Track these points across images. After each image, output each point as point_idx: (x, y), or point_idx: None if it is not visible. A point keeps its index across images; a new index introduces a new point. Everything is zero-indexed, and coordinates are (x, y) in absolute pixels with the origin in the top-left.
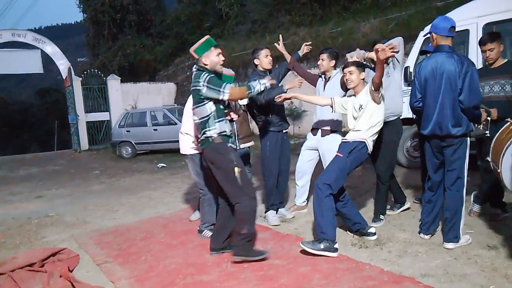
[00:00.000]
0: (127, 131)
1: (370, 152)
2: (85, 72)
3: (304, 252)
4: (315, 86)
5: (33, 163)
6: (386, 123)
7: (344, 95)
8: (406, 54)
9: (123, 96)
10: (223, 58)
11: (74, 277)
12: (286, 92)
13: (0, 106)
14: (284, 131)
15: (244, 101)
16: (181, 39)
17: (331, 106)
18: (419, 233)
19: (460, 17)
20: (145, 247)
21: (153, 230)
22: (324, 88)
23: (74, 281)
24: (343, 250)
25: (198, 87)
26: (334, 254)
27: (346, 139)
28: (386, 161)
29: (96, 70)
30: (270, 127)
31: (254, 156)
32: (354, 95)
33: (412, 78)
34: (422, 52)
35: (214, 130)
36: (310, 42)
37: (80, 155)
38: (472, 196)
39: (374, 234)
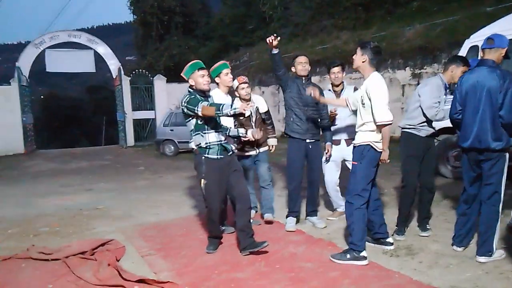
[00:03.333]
0: (170, 130)
1: (380, 151)
2: (133, 72)
3: None
4: None
5: (83, 157)
6: None
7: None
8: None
9: (168, 96)
10: (207, 80)
11: (121, 266)
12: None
13: (53, 101)
14: (309, 140)
15: (265, 107)
16: (225, 40)
17: (347, 105)
18: (452, 245)
19: (507, 25)
20: (185, 243)
21: (192, 227)
22: None
23: (120, 270)
24: (374, 257)
25: (181, 107)
26: (364, 262)
27: (355, 143)
28: (430, 169)
29: (143, 70)
30: (291, 134)
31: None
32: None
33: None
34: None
35: (193, 142)
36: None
37: (126, 151)
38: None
39: (392, 244)
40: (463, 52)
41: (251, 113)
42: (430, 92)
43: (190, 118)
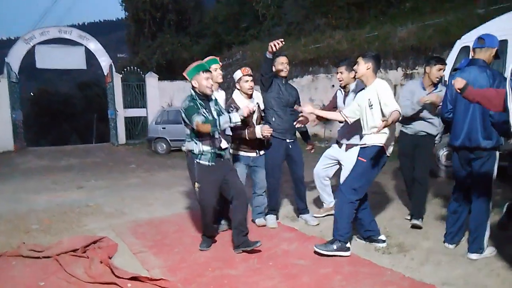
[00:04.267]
0: (162, 128)
1: (388, 155)
2: (125, 69)
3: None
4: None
5: (74, 154)
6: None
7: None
8: None
9: (160, 94)
10: (211, 83)
11: (113, 263)
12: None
13: (43, 98)
14: (289, 140)
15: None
16: (218, 38)
17: (346, 120)
18: (444, 242)
19: (498, 26)
20: (177, 240)
21: (184, 224)
22: (344, 101)
23: (113, 267)
24: (367, 254)
25: (180, 109)
26: (347, 253)
27: (365, 144)
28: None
29: (135, 67)
30: (272, 133)
31: None
32: (363, 89)
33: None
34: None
35: (187, 147)
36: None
37: (118, 149)
38: (505, 207)
39: (384, 241)
40: (454, 52)
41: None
42: (402, 95)
43: (187, 123)
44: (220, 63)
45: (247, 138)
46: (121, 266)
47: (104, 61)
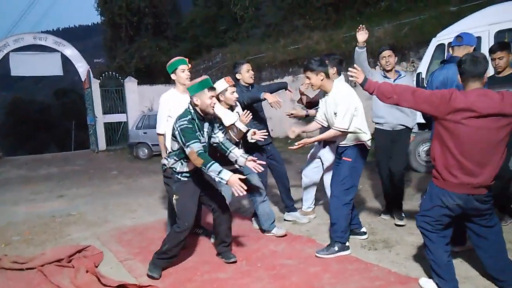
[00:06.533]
0: (144, 132)
1: (369, 148)
2: (103, 75)
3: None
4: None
5: (53, 163)
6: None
7: None
8: (419, 59)
9: (140, 98)
10: (215, 101)
11: (100, 272)
12: (262, 99)
13: (19, 106)
14: (264, 145)
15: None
16: (197, 41)
17: (322, 126)
18: None
19: (472, 24)
20: None
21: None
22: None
23: (99, 275)
24: (353, 251)
25: (175, 126)
26: (348, 252)
27: (345, 144)
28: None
29: (113, 72)
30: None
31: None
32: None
33: (425, 85)
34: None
35: (169, 162)
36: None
37: (98, 156)
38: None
39: (365, 233)
40: (430, 50)
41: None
42: None
43: (177, 141)
44: (189, 65)
45: (237, 139)
46: (108, 275)
47: (81, 67)
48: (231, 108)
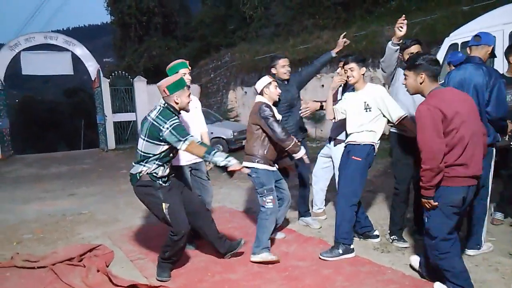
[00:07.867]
0: None
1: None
2: (112, 74)
3: None
4: None
5: (63, 161)
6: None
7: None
8: None
9: (149, 97)
10: (191, 99)
11: (111, 271)
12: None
13: (29, 105)
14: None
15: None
16: (206, 41)
17: (334, 117)
18: None
19: (486, 23)
20: None
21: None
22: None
23: (111, 275)
24: (366, 254)
25: (161, 127)
26: (352, 255)
27: (355, 141)
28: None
29: (123, 72)
30: None
31: None
32: (353, 90)
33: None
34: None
35: (148, 169)
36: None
37: (107, 155)
38: (494, 204)
39: (378, 236)
40: (443, 49)
41: None
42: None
43: (162, 143)
44: (189, 67)
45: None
46: (119, 274)
47: (91, 66)
48: (275, 103)
